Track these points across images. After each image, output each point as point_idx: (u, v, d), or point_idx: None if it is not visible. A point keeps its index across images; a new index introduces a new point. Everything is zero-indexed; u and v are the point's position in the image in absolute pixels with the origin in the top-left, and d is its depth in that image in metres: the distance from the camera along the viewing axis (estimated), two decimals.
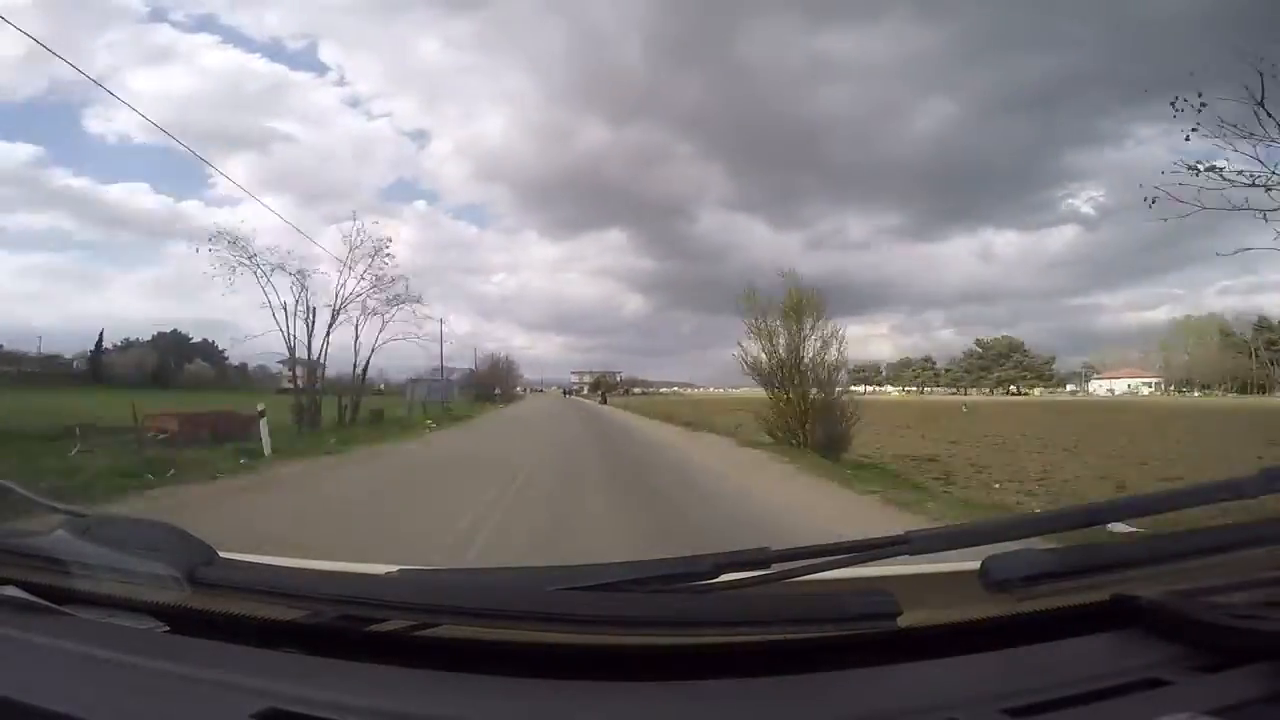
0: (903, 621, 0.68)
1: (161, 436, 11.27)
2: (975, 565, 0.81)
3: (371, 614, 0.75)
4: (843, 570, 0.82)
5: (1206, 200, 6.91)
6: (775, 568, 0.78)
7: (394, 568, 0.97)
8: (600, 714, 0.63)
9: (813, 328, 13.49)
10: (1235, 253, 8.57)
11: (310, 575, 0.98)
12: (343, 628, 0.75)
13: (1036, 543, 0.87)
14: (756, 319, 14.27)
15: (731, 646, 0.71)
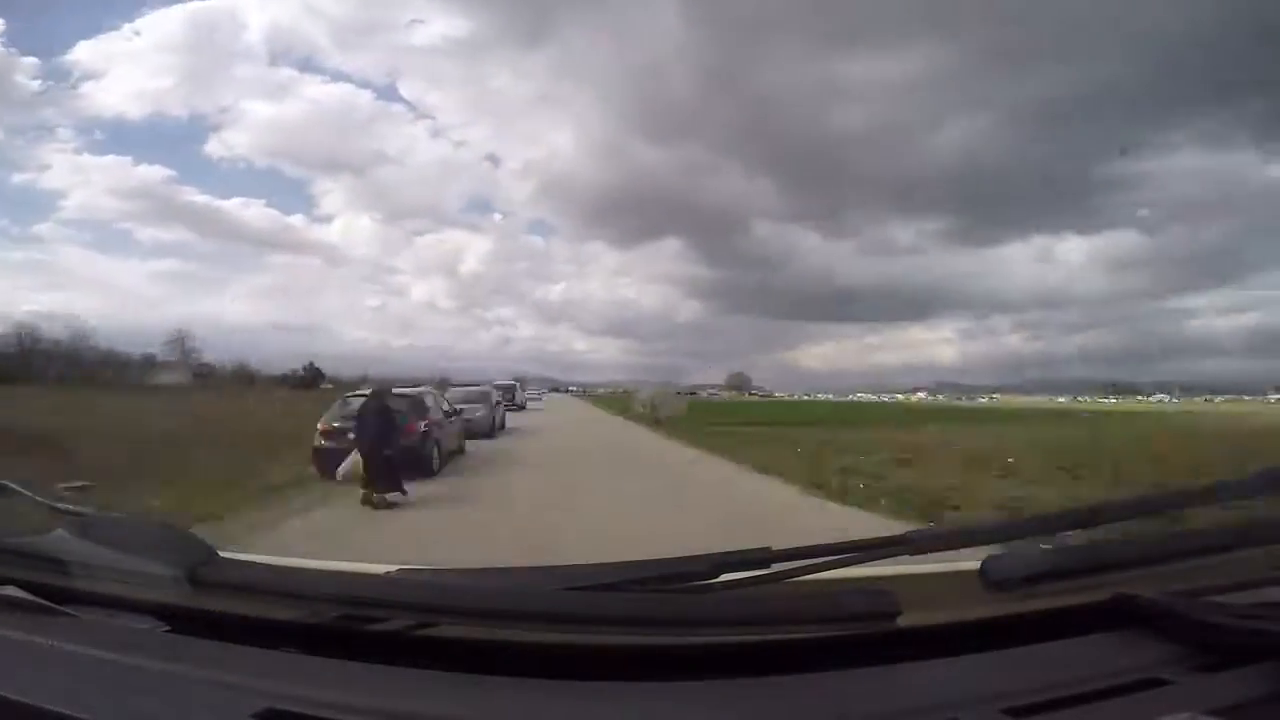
0: (903, 621, 0.68)
1: None
2: (975, 565, 0.81)
3: (371, 614, 0.75)
4: (843, 570, 0.82)
5: None
6: (775, 567, 0.78)
7: (394, 567, 0.97)
8: (600, 714, 0.63)
9: None
10: None
11: (310, 575, 0.98)
12: (343, 628, 0.75)
13: (1036, 543, 0.87)
14: None
15: (731, 646, 0.71)
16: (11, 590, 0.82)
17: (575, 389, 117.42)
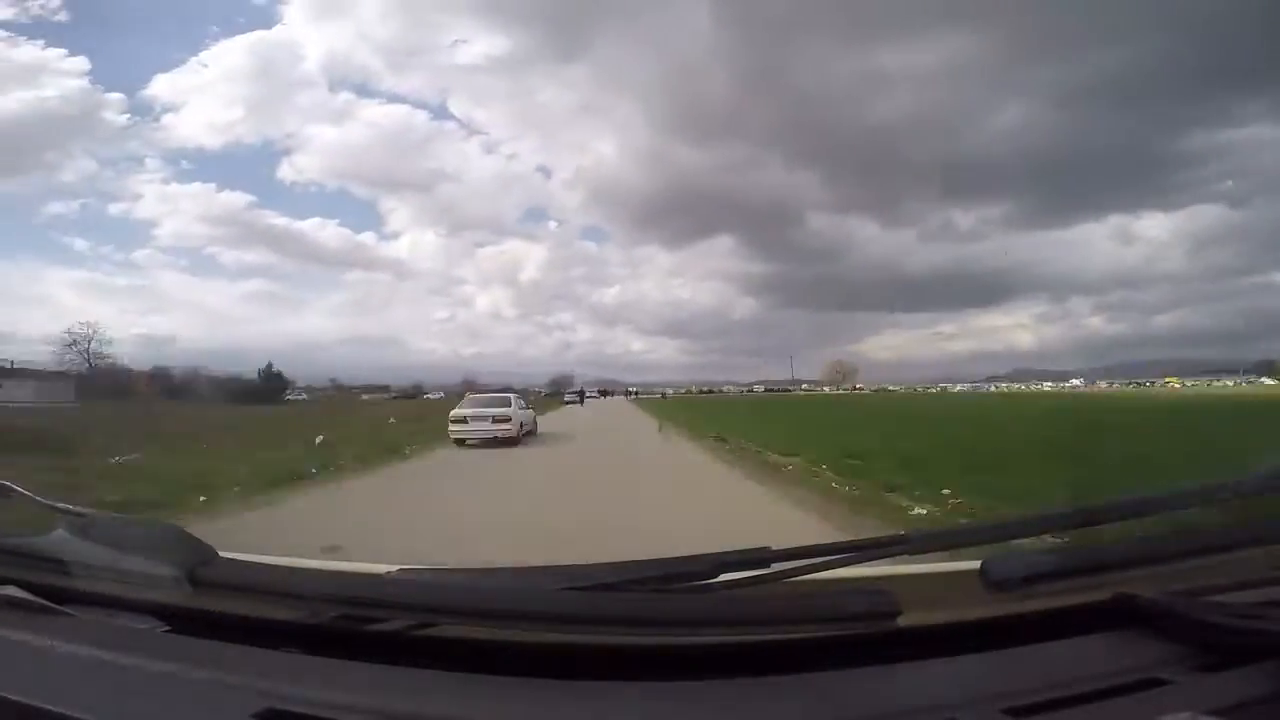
0: (903, 621, 0.68)
1: None
2: (975, 565, 0.81)
3: (371, 614, 0.75)
4: (842, 570, 0.82)
5: None
6: (775, 567, 0.78)
7: (394, 567, 0.97)
8: (600, 714, 0.63)
9: None
10: None
11: (310, 575, 0.98)
12: (343, 628, 0.75)
13: (1036, 543, 0.87)
14: None
15: (731, 646, 0.71)
16: (11, 590, 0.82)
17: (634, 390, 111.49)
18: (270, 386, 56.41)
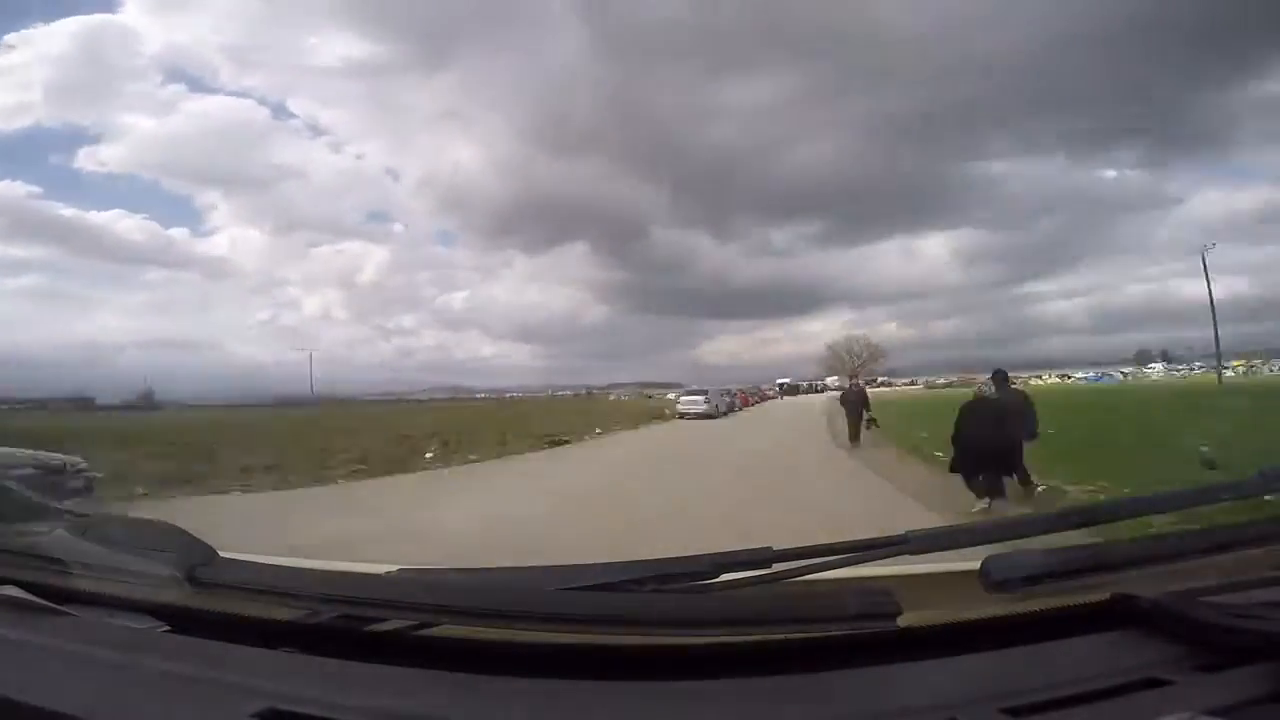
0: (903, 621, 0.68)
1: None
2: (975, 565, 0.80)
3: (371, 614, 0.75)
4: (843, 570, 0.82)
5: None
6: (775, 567, 0.78)
7: (394, 567, 0.97)
8: (600, 714, 0.63)
9: None
10: None
11: (310, 575, 0.98)
12: (343, 628, 0.75)
13: (1036, 543, 0.87)
14: None
15: (731, 646, 0.71)
16: (11, 590, 0.82)
17: (483, 394, 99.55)
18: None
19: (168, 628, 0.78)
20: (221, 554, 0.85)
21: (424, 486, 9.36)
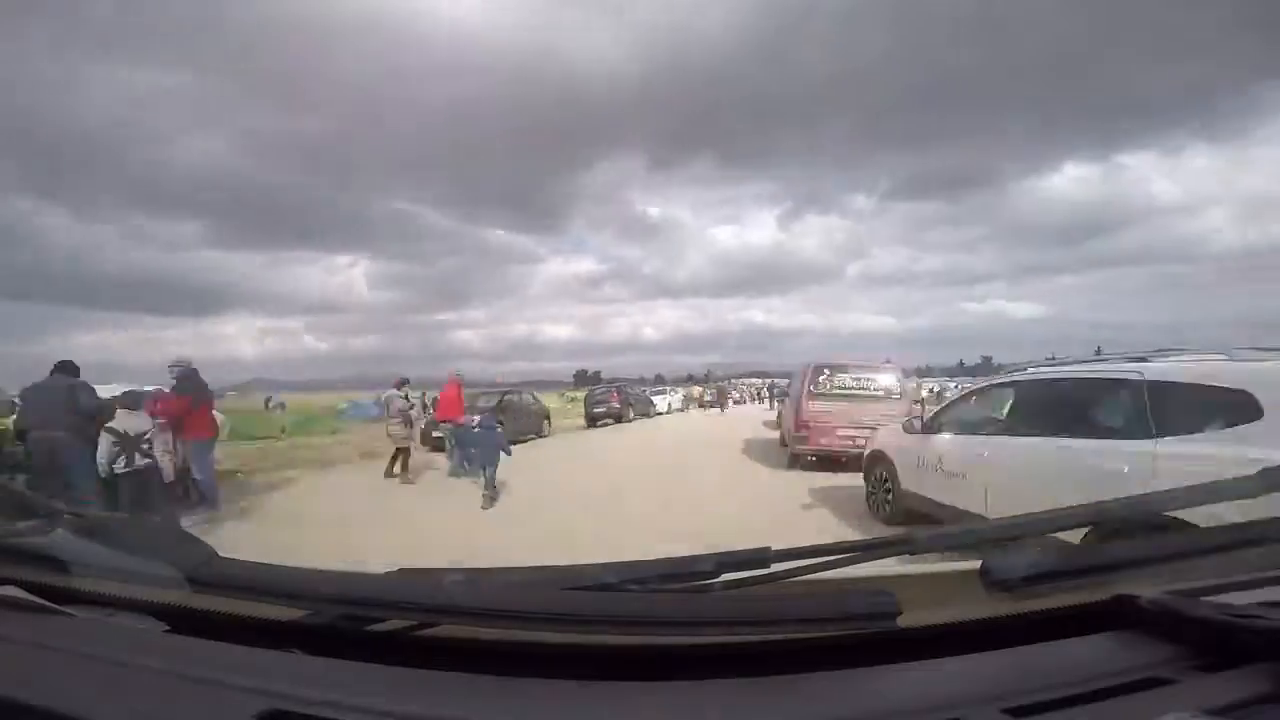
0: (903, 621, 0.68)
1: None
2: (975, 565, 0.81)
3: (371, 614, 0.75)
4: (843, 570, 0.82)
5: None
6: (775, 567, 0.78)
7: (394, 567, 0.97)
8: (600, 714, 0.63)
9: None
10: None
11: (310, 575, 0.98)
12: (343, 628, 0.75)
13: (1036, 543, 0.87)
14: None
15: (731, 646, 0.71)
16: (11, 590, 0.82)
17: None
18: None
19: (168, 628, 0.78)
20: (221, 554, 0.85)
21: None
